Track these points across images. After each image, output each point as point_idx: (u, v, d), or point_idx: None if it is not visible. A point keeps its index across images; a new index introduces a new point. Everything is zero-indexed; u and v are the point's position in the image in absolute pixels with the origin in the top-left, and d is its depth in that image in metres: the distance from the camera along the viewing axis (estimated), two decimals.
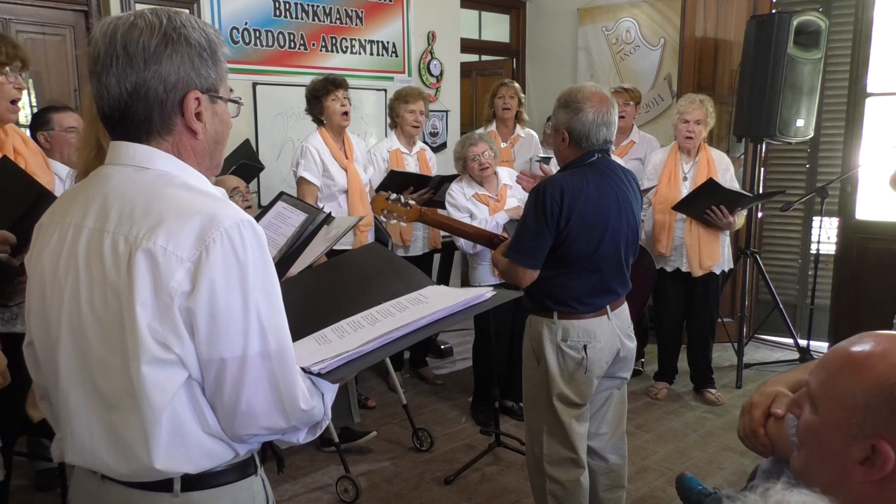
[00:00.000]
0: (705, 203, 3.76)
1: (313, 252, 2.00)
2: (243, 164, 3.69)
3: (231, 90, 1.20)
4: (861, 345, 0.95)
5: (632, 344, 2.47)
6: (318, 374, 1.10)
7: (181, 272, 1.01)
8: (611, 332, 2.38)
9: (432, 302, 1.20)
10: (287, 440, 1.19)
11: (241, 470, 1.18)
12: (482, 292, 1.21)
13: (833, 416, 0.93)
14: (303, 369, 1.12)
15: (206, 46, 1.10)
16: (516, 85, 4.41)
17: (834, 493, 0.80)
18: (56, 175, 2.87)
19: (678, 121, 3.91)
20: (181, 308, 1.02)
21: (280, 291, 1.11)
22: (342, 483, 3.06)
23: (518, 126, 4.45)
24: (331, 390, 1.18)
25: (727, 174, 3.95)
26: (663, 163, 4.01)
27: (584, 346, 2.34)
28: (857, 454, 0.89)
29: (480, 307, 1.20)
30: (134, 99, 1.07)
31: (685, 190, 3.90)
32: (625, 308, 2.46)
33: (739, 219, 3.92)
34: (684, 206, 3.83)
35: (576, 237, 2.27)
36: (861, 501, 0.90)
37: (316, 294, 1.37)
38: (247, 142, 4.20)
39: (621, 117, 4.28)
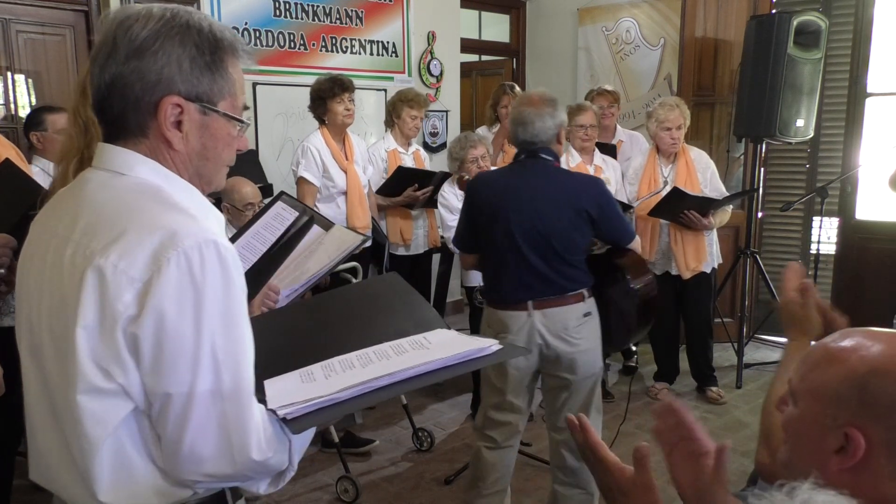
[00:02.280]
0: (677, 209, 3.75)
1: (315, 267, 1.95)
2: (262, 187, 3.63)
3: (246, 107, 1.11)
4: (838, 340, 0.99)
5: (565, 346, 2.45)
6: (283, 420, 0.98)
7: (130, 294, 0.92)
8: (529, 328, 2.44)
9: (434, 349, 1.09)
10: (246, 488, 1.08)
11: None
12: (487, 346, 1.10)
13: (810, 408, 0.97)
14: (270, 410, 0.99)
15: (206, 52, 1.01)
16: (517, 89, 4.41)
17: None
18: (45, 172, 2.88)
19: (659, 129, 3.84)
20: (126, 333, 0.92)
21: (245, 323, 1.00)
22: (342, 483, 3.06)
23: None
24: (301, 438, 1.05)
25: (707, 172, 3.94)
26: (643, 167, 3.99)
27: (497, 336, 2.43)
28: (833, 444, 0.93)
29: (481, 362, 1.09)
30: (111, 92, 1.00)
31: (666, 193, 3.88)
32: (562, 311, 2.44)
33: (720, 217, 3.89)
34: (658, 212, 3.81)
35: (481, 226, 2.49)
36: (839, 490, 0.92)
37: (320, 323, 1.29)
38: (252, 152, 4.18)
39: (605, 118, 4.33)
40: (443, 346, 1.10)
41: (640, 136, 4.52)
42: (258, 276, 1.66)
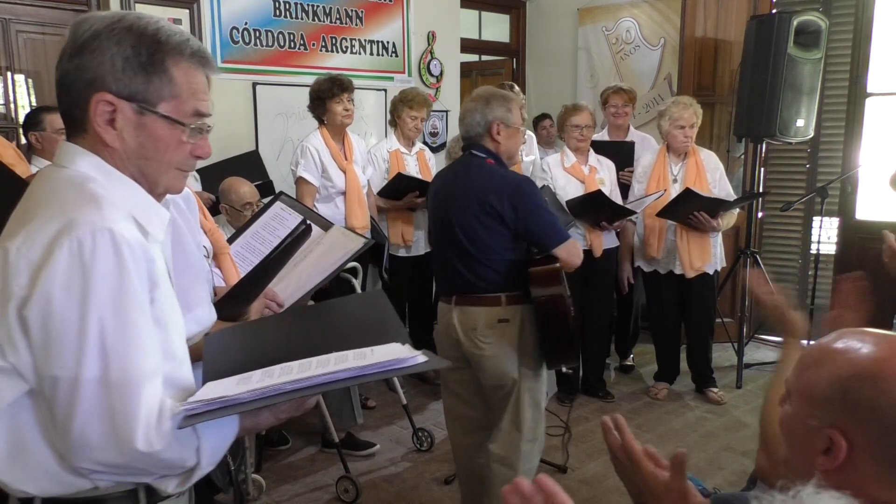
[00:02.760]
0: (687, 210, 3.76)
1: (318, 272, 1.94)
2: (263, 184, 3.63)
3: (206, 115, 1.10)
4: (832, 340, 1.00)
5: (472, 347, 2.44)
6: (185, 416, 0.97)
7: (25, 276, 0.95)
8: (448, 321, 2.50)
9: (369, 359, 1.09)
10: (155, 485, 1.06)
11: (122, 501, 1.06)
12: (412, 356, 1.08)
13: (801, 408, 0.98)
14: (177, 405, 0.99)
15: (142, 52, 1.03)
16: (517, 89, 4.40)
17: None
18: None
19: (672, 127, 3.85)
20: (19, 314, 0.95)
21: (142, 312, 0.99)
22: (342, 483, 3.06)
23: None
24: (214, 438, 1.04)
25: (716, 173, 3.95)
26: (652, 165, 3.99)
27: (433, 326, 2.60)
28: (820, 444, 0.94)
29: (398, 371, 1.08)
30: (60, 89, 1.06)
31: (675, 192, 3.88)
32: (475, 311, 2.43)
33: (727, 219, 3.91)
34: (667, 213, 3.83)
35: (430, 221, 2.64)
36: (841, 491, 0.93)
37: (297, 331, 1.30)
38: (255, 153, 4.16)
39: (619, 117, 4.33)
40: (380, 357, 1.09)
41: (650, 138, 4.49)
42: (256, 281, 1.66)
